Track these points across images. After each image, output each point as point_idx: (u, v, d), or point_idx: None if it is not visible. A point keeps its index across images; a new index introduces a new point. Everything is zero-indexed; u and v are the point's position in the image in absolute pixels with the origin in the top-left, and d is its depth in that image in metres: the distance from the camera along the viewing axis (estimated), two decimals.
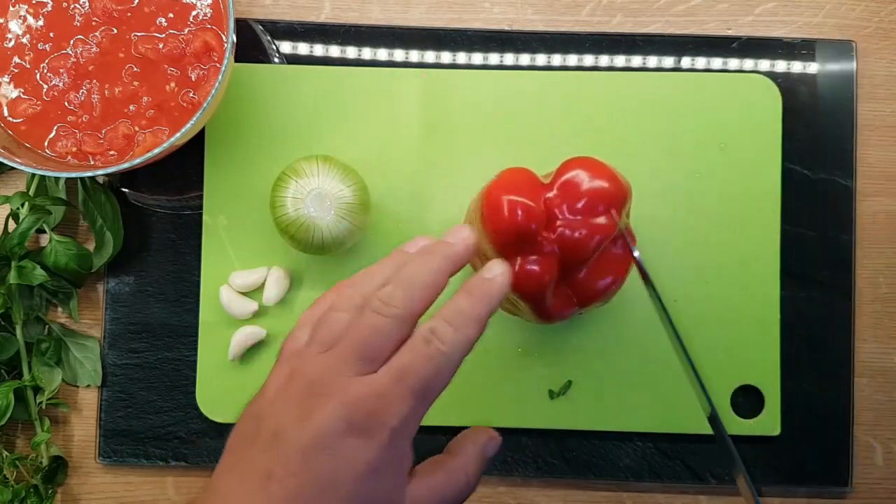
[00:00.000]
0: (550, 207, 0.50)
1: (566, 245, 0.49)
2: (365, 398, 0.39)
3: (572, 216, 0.49)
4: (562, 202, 0.49)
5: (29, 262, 0.60)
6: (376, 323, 0.41)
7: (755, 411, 0.62)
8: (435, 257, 0.42)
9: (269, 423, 0.40)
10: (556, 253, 0.50)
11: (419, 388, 0.40)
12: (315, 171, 0.57)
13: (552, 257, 0.50)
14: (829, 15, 0.65)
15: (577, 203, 0.49)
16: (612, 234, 0.50)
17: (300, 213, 0.56)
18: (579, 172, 0.50)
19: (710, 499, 0.64)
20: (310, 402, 0.40)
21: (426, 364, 0.40)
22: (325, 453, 0.39)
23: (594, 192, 0.49)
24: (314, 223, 0.56)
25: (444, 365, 0.40)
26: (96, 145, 0.57)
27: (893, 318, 0.64)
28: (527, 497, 0.63)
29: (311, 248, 0.58)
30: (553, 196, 0.50)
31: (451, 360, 0.40)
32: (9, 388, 0.60)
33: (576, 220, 0.49)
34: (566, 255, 0.50)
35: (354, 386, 0.39)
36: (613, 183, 0.50)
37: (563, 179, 0.50)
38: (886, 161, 0.65)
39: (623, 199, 0.50)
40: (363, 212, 0.58)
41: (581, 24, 0.65)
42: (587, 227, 0.49)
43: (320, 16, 0.65)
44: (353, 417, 0.39)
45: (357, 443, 0.39)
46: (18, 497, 0.60)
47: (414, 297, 0.41)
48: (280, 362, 0.43)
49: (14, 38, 0.57)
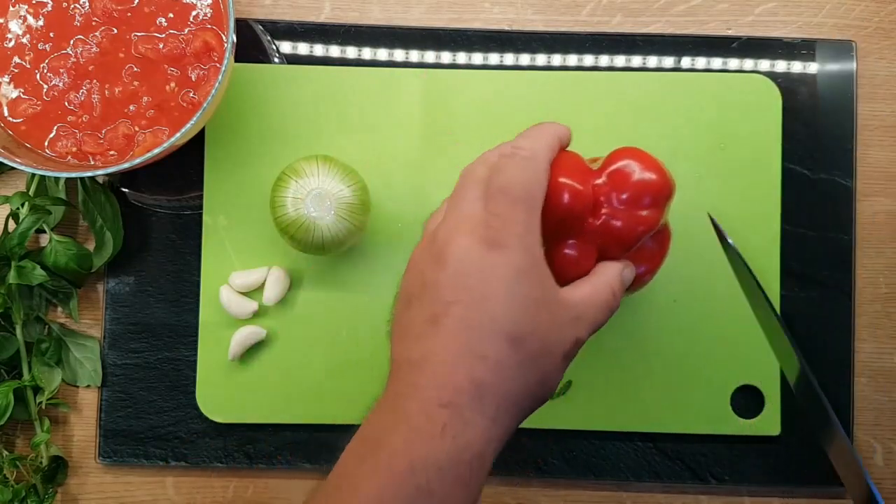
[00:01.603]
0: (597, 194, 0.49)
1: (609, 234, 0.49)
2: (484, 220, 0.44)
3: (619, 205, 0.49)
4: (610, 190, 0.49)
5: (29, 262, 0.60)
6: (502, 163, 0.46)
7: (755, 411, 0.62)
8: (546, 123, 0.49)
9: (415, 284, 0.45)
10: (598, 241, 0.49)
11: (523, 195, 0.44)
12: (315, 171, 0.57)
13: (593, 244, 0.49)
14: (829, 15, 0.65)
15: (625, 193, 0.49)
16: (655, 228, 0.49)
17: (300, 213, 0.56)
18: (630, 163, 0.49)
19: (710, 499, 0.64)
20: (440, 246, 0.44)
21: (519, 172, 0.45)
22: (470, 276, 0.43)
23: (643, 184, 0.49)
24: (314, 223, 0.56)
25: (534, 167, 0.45)
26: (96, 145, 0.57)
27: (893, 318, 0.64)
28: (527, 497, 0.63)
29: (311, 248, 0.58)
30: (601, 183, 0.49)
31: (538, 162, 0.46)
32: (9, 388, 0.60)
33: (622, 210, 0.49)
34: (607, 243, 0.49)
35: (476, 215, 0.45)
36: (662, 176, 0.49)
37: (613, 168, 0.49)
38: (886, 161, 0.65)
39: (669, 193, 0.50)
40: (363, 212, 0.58)
41: (581, 24, 0.65)
42: (632, 219, 0.48)
43: (320, 16, 0.65)
44: (484, 238, 0.43)
45: (495, 255, 0.43)
46: (18, 497, 0.60)
47: (538, 140, 0.47)
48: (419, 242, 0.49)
49: (14, 38, 0.57)
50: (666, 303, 0.62)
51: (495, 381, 0.42)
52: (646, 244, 0.51)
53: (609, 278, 0.48)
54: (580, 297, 0.47)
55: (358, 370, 0.62)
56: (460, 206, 0.46)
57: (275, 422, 0.62)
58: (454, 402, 0.42)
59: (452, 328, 0.43)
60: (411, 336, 0.44)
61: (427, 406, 0.42)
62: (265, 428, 0.63)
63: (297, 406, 0.62)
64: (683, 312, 0.62)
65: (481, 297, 0.43)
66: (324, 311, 0.62)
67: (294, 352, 0.62)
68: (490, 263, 0.43)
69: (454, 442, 0.41)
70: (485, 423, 0.42)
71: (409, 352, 0.44)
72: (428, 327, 0.43)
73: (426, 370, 0.43)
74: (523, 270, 0.44)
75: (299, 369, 0.62)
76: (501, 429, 0.43)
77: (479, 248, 0.44)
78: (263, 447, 0.63)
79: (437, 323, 0.43)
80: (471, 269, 0.43)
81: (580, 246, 0.49)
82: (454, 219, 0.45)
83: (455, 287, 0.43)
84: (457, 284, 0.43)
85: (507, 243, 0.43)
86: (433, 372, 0.43)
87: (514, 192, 0.45)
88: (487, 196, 0.45)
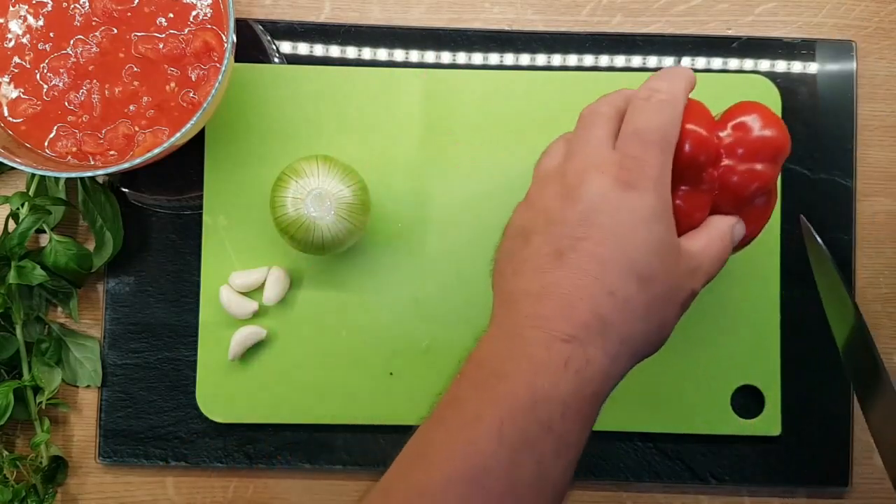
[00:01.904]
0: (719, 146, 0.49)
1: (726, 186, 0.48)
2: (618, 161, 0.44)
3: (739, 158, 0.48)
4: (732, 142, 0.48)
5: (29, 262, 0.60)
6: (639, 105, 0.46)
7: (755, 411, 0.62)
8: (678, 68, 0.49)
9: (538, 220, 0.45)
10: (714, 192, 0.49)
11: (658, 138, 0.44)
12: (315, 171, 0.57)
13: (709, 195, 0.49)
14: (829, 15, 0.65)
15: (746, 146, 0.48)
16: (771, 184, 0.49)
17: (300, 213, 0.56)
18: (754, 117, 0.49)
19: (710, 499, 0.64)
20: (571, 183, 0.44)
21: (656, 115, 0.45)
22: (603, 213, 0.43)
23: (765, 140, 0.48)
24: (314, 223, 0.56)
25: (670, 111, 0.45)
26: (96, 145, 0.57)
27: (893, 318, 0.64)
28: None
29: (311, 248, 0.58)
30: (725, 135, 0.49)
31: (674, 105, 0.45)
32: (9, 388, 0.60)
33: (742, 163, 0.48)
34: (721, 196, 0.49)
35: (609, 156, 0.44)
36: (783, 133, 0.49)
37: (736, 121, 0.49)
38: (886, 161, 0.65)
39: (787, 152, 0.50)
40: (363, 212, 0.58)
41: (581, 24, 0.65)
42: (751, 173, 0.48)
43: (320, 16, 0.65)
44: (618, 178, 0.43)
45: (631, 195, 0.43)
46: (18, 497, 0.60)
47: (675, 83, 0.46)
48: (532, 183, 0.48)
49: (14, 38, 0.57)
50: None
51: (620, 319, 0.42)
52: (755, 203, 0.50)
53: (722, 232, 0.48)
54: (698, 248, 0.47)
55: (358, 370, 0.62)
56: (590, 144, 0.45)
57: (275, 422, 0.62)
58: (578, 336, 0.41)
59: (580, 262, 0.42)
60: (531, 269, 0.43)
61: (550, 338, 0.41)
62: (265, 428, 0.63)
63: (298, 406, 0.62)
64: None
65: (613, 235, 0.42)
66: (324, 311, 0.62)
67: (294, 352, 0.62)
68: (625, 204, 0.43)
69: (577, 377, 0.41)
70: (606, 361, 0.42)
71: (528, 284, 0.43)
72: (552, 260, 0.43)
73: (548, 303, 0.42)
74: (657, 213, 0.43)
75: (299, 369, 0.62)
76: (619, 368, 0.43)
77: (613, 188, 0.43)
78: (263, 447, 0.63)
79: (562, 256, 0.43)
80: (604, 206, 0.43)
81: (695, 196, 0.48)
82: (584, 157, 0.45)
83: (587, 223, 0.43)
84: (589, 221, 0.43)
85: (642, 185, 0.43)
86: (557, 304, 0.42)
87: (649, 135, 0.44)
88: (622, 136, 0.45)
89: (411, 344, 0.62)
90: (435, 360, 0.61)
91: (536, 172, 0.48)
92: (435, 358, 0.61)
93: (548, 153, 0.49)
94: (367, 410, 0.62)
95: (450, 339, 0.61)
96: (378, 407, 0.62)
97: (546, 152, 0.49)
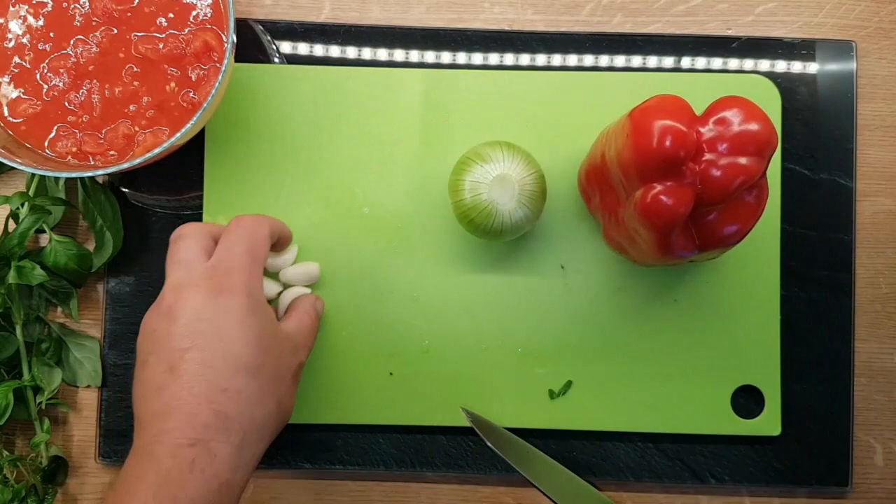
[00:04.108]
0: (700, 140, 0.49)
1: (708, 181, 0.49)
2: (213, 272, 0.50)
3: (721, 153, 0.49)
4: (713, 137, 0.49)
5: (29, 262, 0.60)
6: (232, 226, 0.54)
7: (755, 411, 0.62)
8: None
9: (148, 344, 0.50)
10: (696, 187, 0.49)
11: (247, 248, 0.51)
12: (500, 156, 0.56)
13: (691, 190, 0.49)
14: (829, 15, 0.65)
15: (729, 141, 0.48)
16: (755, 178, 0.49)
17: (483, 198, 0.56)
18: (736, 111, 0.49)
19: (710, 499, 0.64)
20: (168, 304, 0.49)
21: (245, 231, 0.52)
22: (202, 321, 0.48)
23: (747, 134, 0.49)
24: (496, 208, 0.56)
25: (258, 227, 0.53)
26: (96, 145, 0.57)
27: (893, 318, 0.64)
28: (527, 497, 0.63)
29: (489, 234, 0.57)
30: (706, 129, 0.49)
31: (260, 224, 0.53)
32: (9, 388, 0.60)
33: (723, 157, 0.48)
34: (705, 191, 0.49)
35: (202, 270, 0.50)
36: (767, 127, 0.49)
37: (718, 115, 0.49)
38: (886, 161, 0.65)
39: (773, 146, 0.50)
40: (542, 200, 0.58)
41: (581, 24, 0.65)
42: (734, 167, 0.48)
43: (320, 16, 0.65)
44: (211, 288, 0.49)
45: (223, 300, 0.49)
46: (18, 497, 0.60)
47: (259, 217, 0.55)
48: None
49: (14, 38, 0.57)
50: (666, 303, 0.62)
51: (237, 411, 0.47)
52: (743, 198, 0.50)
53: (308, 308, 0.57)
54: (294, 328, 0.54)
55: (358, 370, 0.62)
56: (182, 264, 0.51)
57: None
58: (202, 438, 0.46)
59: (192, 371, 0.47)
60: (151, 390, 0.48)
61: (175, 447, 0.45)
62: None
63: (298, 406, 0.62)
64: (684, 312, 0.62)
65: (216, 338, 0.48)
66: (324, 311, 0.62)
67: None
68: (219, 308, 0.48)
69: (203, 475, 0.45)
70: (232, 452, 0.46)
71: (152, 405, 0.47)
72: (167, 377, 0.47)
73: (172, 416, 0.46)
74: (251, 309, 0.49)
75: None
76: (248, 454, 0.48)
77: (207, 298, 0.49)
78: None
79: (175, 370, 0.47)
80: (202, 315, 0.48)
81: (678, 190, 0.49)
82: (176, 280, 0.50)
83: (189, 334, 0.48)
84: (191, 331, 0.48)
85: (232, 290, 0.49)
86: (179, 415, 0.46)
87: (238, 246, 0.51)
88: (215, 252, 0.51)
89: (411, 344, 0.62)
90: (435, 360, 0.61)
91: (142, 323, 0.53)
92: (435, 358, 0.61)
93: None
94: (367, 410, 0.62)
95: (450, 339, 0.61)
96: (378, 407, 0.62)
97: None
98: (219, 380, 0.47)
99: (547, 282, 0.62)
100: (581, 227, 0.62)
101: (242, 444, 0.47)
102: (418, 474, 0.63)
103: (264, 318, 0.50)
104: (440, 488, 0.64)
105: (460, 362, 0.62)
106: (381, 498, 0.64)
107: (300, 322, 0.55)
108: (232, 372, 0.47)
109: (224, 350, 0.48)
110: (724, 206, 0.50)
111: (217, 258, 0.51)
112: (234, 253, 0.51)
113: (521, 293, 0.62)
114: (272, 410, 0.50)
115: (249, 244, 0.52)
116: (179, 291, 0.49)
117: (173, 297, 0.49)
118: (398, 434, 0.62)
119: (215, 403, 0.47)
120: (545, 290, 0.62)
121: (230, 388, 0.47)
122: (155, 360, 0.48)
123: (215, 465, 0.46)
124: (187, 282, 0.50)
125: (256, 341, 0.49)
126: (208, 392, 0.47)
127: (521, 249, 0.62)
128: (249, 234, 0.52)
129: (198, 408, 0.46)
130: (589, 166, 0.57)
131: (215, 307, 0.48)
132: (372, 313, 0.62)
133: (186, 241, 0.52)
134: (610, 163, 0.52)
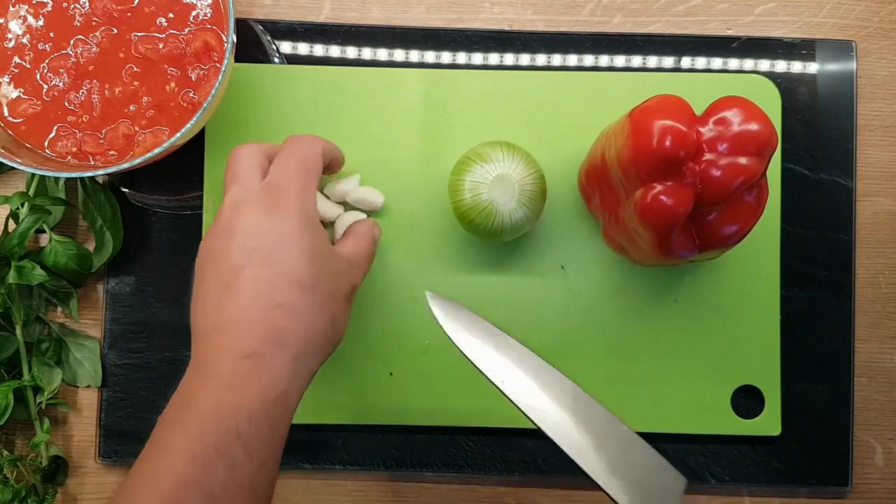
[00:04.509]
0: (700, 140, 0.49)
1: (708, 181, 0.49)
2: (266, 190, 0.50)
3: (721, 153, 0.49)
4: (713, 137, 0.49)
5: (29, 262, 0.60)
6: (286, 145, 0.54)
7: (755, 411, 0.62)
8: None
9: (207, 262, 0.50)
10: (696, 187, 0.49)
11: (300, 167, 0.52)
12: (500, 156, 0.57)
13: (691, 190, 0.49)
14: (829, 15, 0.65)
15: (729, 141, 0.49)
16: (755, 178, 0.49)
17: (482, 198, 0.56)
18: (736, 111, 0.49)
19: (710, 499, 0.64)
20: (225, 222, 0.50)
21: (298, 149, 0.53)
22: (256, 239, 0.48)
23: (747, 134, 0.49)
24: (496, 208, 0.56)
25: (310, 148, 0.53)
26: (96, 145, 0.57)
27: (893, 318, 0.64)
28: (527, 497, 0.63)
29: (489, 234, 0.57)
30: (706, 129, 0.49)
31: (314, 144, 0.53)
32: (9, 388, 0.60)
33: (723, 157, 0.49)
34: (705, 191, 0.49)
35: (256, 188, 0.51)
36: (766, 127, 0.49)
37: (718, 115, 0.50)
38: (886, 161, 0.65)
39: (773, 146, 0.50)
40: (542, 200, 0.58)
41: (581, 24, 0.65)
42: (734, 167, 0.48)
43: (320, 16, 0.65)
44: (265, 206, 0.49)
45: (277, 218, 0.49)
46: (18, 497, 0.60)
47: (313, 138, 0.55)
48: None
49: (14, 38, 0.57)
50: (666, 303, 0.62)
51: (292, 326, 0.48)
52: (744, 198, 0.50)
53: (365, 233, 0.57)
54: (350, 250, 0.55)
55: (358, 370, 0.62)
56: (238, 181, 0.51)
57: None
58: (258, 351, 0.46)
59: (247, 287, 0.48)
60: (209, 307, 0.48)
61: (233, 360, 0.46)
62: None
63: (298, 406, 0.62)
64: (684, 312, 0.62)
65: (271, 255, 0.48)
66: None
67: None
68: (274, 226, 0.49)
69: (260, 384, 0.46)
70: (287, 365, 0.47)
71: (209, 321, 0.48)
72: (224, 294, 0.48)
73: (228, 330, 0.47)
74: (304, 227, 0.50)
75: None
76: (304, 368, 0.48)
77: (262, 215, 0.49)
78: None
79: (231, 286, 0.48)
80: (257, 232, 0.49)
81: (678, 189, 0.49)
82: (234, 194, 0.51)
83: (246, 251, 0.48)
84: (247, 249, 0.48)
85: (287, 207, 0.50)
86: (235, 330, 0.47)
87: (291, 165, 0.51)
88: (270, 171, 0.52)
89: (411, 344, 0.62)
90: (435, 360, 0.61)
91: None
92: (435, 358, 0.61)
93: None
94: (367, 410, 0.62)
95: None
96: (378, 407, 0.62)
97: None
98: (273, 295, 0.48)
99: (547, 282, 0.62)
100: (581, 227, 0.62)
101: (298, 359, 0.48)
102: (418, 474, 0.63)
103: (317, 235, 0.51)
104: (440, 488, 0.64)
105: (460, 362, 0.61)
106: (381, 498, 0.64)
107: (357, 246, 0.56)
108: (286, 288, 0.48)
109: (279, 266, 0.48)
110: (724, 206, 0.50)
111: (271, 176, 0.51)
112: (288, 170, 0.51)
113: (521, 293, 0.62)
114: (325, 328, 0.50)
115: (303, 162, 0.52)
116: (236, 209, 0.50)
117: (230, 214, 0.50)
118: (398, 434, 0.62)
119: (270, 318, 0.47)
120: (545, 290, 0.62)
121: (284, 303, 0.48)
122: (213, 277, 0.49)
123: (272, 375, 0.46)
124: (243, 199, 0.50)
125: (311, 259, 0.49)
126: (263, 307, 0.47)
127: (521, 249, 0.62)
128: (302, 152, 0.53)
129: (253, 323, 0.47)
130: (589, 166, 0.57)
131: (270, 224, 0.49)
132: (372, 313, 0.62)
133: (242, 159, 0.52)
134: (610, 163, 0.52)
